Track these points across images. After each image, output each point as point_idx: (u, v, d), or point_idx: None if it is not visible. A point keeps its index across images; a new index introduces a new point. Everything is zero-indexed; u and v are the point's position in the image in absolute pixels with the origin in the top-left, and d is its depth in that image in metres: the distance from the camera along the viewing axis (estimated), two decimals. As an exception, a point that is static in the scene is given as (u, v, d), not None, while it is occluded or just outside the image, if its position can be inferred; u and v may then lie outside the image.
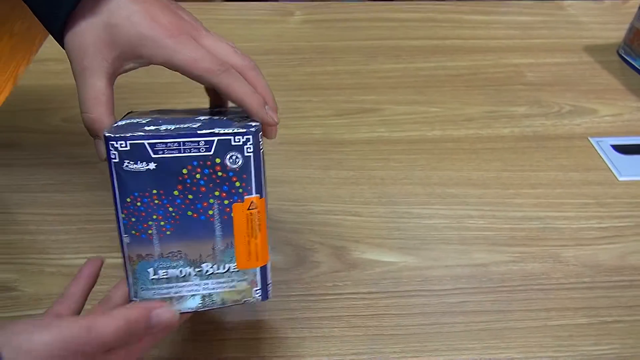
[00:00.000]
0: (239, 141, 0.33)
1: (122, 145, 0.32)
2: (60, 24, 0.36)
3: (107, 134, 0.32)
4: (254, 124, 0.35)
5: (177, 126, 0.34)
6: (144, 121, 0.35)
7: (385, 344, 0.43)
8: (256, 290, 0.36)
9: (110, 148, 0.32)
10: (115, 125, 0.35)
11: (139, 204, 0.33)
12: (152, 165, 0.33)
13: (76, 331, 0.29)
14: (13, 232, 0.51)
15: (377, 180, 0.57)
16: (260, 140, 0.34)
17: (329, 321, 0.44)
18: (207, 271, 0.35)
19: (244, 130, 0.33)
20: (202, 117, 0.37)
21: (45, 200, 0.54)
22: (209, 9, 0.85)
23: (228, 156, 0.33)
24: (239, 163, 0.33)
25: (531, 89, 0.70)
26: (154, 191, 0.33)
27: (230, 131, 0.33)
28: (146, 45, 0.35)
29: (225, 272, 0.35)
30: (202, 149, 0.33)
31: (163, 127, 0.33)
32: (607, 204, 0.55)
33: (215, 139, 0.33)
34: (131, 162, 0.32)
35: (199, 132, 0.33)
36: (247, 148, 0.33)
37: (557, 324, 0.45)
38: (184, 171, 0.33)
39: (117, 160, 0.32)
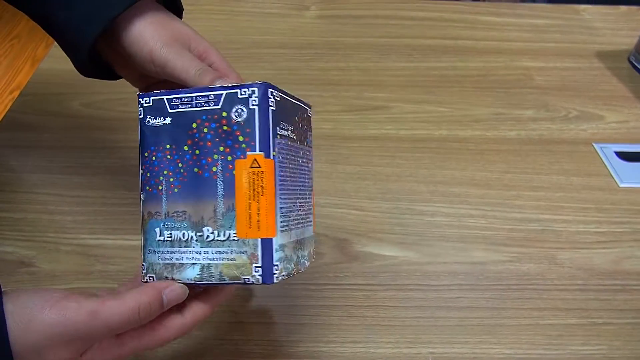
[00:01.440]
0: (245, 94, 0.33)
1: (147, 102, 0.35)
2: (105, 25, 0.37)
3: (138, 93, 0.35)
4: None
5: None
6: None
7: (381, 334, 0.45)
8: (256, 267, 0.32)
9: (139, 105, 0.35)
10: None
11: (154, 158, 0.35)
12: (168, 120, 0.34)
13: (80, 317, 0.29)
14: (33, 210, 0.53)
15: (382, 176, 0.59)
16: (271, 97, 0.33)
17: (328, 310, 0.46)
18: (207, 237, 0.33)
19: (251, 83, 0.33)
20: None
21: (64, 181, 0.56)
22: (226, 1, 0.86)
23: (234, 109, 0.33)
24: (244, 116, 0.33)
25: (539, 93, 0.71)
26: (167, 146, 0.34)
27: (238, 84, 0.33)
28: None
29: (225, 240, 0.33)
30: (211, 103, 0.33)
31: None
32: (606, 210, 0.56)
33: (224, 92, 0.33)
34: (152, 117, 0.34)
35: (210, 86, 0.34)
36: (252, 101, 0.33)
37: (548, 323, 0.46)
38: (194, 125, 0.33)
39: (142, 116, 0.35)
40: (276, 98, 0.34)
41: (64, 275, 0.48)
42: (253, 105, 0.33)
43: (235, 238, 0.33)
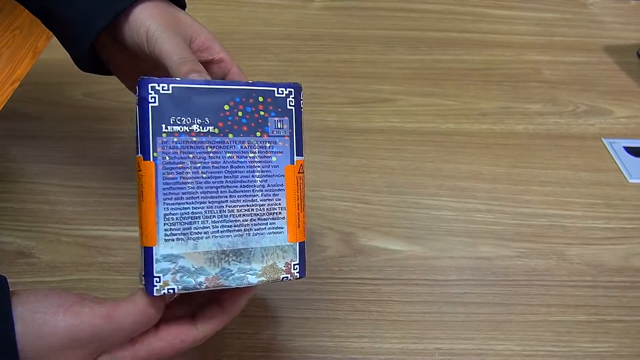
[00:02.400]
0: (137, 94, 0.30)
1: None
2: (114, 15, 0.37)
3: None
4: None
5: None
6: None
7: (386, 329, 0.44)
8: (142, 275, 0.31)
9: None
10: None
11: None
12: None
13: (95, 320, 0.29)
14: (33, 201, 0.53)
15: (387, 169, 0.58)
16: (152, 92, 0.30)
17: (333, 304, 0.46)
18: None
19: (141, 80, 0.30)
20: None
21: (65, 172, 0.55)
22: (231, -9, 0.85)
23: (135, 110, 0.31)
24: (136, 117, 0.31)
25: (548, 87, 0.70)
26: None
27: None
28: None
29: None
30: (134, 105, 0.32)
31: None
32: (615, 205, 0.55)
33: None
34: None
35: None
36: (136, 99, 0.31)
37: (556, 319, 0.45)
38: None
39: None
40: (162, 92, 0.30)
41: (64, 266, 0.47)
42: (136, 104, 0.30)
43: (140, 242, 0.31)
